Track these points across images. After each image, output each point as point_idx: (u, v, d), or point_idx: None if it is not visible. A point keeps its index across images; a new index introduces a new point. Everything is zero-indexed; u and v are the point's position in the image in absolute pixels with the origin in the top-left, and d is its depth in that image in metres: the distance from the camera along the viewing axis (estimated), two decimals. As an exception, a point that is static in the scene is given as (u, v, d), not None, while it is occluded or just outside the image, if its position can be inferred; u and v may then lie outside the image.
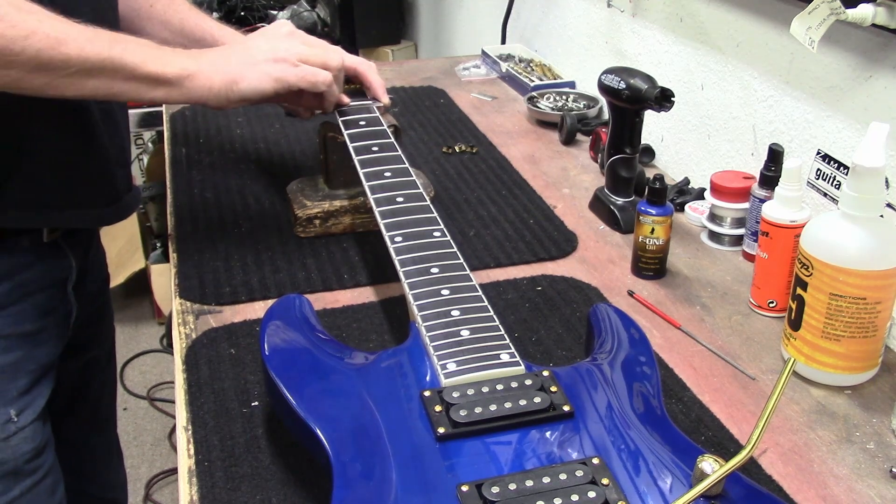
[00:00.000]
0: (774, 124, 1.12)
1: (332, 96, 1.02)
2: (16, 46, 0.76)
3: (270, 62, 0.95)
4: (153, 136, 2.74)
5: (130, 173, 1.07)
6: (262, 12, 2.83)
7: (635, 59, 1.45)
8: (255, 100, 0.96)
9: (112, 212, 1.01)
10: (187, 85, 0.90)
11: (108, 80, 0.84)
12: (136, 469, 2.16)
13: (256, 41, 0.98)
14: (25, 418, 0.96)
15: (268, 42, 0.97)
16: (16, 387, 0.95)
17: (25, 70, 0.78)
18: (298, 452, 0.75)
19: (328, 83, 0.99)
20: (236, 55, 0.95)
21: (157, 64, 0.87)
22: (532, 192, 1.26)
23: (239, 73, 0.93)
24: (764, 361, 0.90)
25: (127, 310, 2.75)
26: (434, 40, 2.77)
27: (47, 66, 0.79)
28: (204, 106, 0.94)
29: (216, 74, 0.92)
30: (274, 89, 0.95)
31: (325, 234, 1.11)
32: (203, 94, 0.91)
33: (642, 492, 0.62)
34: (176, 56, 0.90)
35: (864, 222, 0.81)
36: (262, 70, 0.94)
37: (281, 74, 0.95)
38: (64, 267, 1.01)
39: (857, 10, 0.89)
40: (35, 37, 0.77)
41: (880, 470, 0.76)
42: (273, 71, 0.95)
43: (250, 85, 0.94)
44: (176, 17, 1.12)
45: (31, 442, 0.96)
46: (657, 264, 1.04)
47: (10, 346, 0.94)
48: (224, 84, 0.92)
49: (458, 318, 0.76)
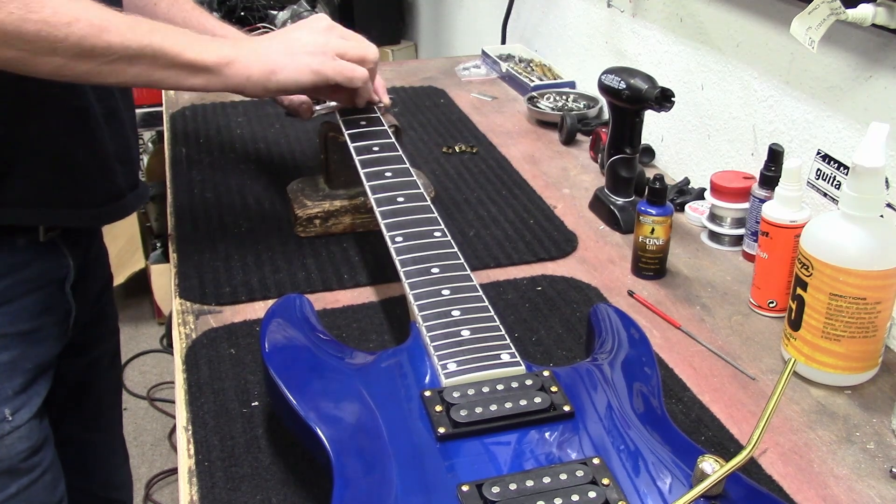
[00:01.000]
0: (774, 124, 1.12)
1: (366, 92, 1.03)
2: (59, 33, 0.77)
3: (310, 54, 0.95)
4: (153, 136, 2.74)
5: (136, 170, 1.07)
6: (262, 12, 2.82)
7: (635, 59, 1.45)
8: (292, 91, 0.96)
9: (111, 210, 1.01)
10: (226, 73, 0.90)
11: (148, 68, 0.85)
12: (136, 469, 2.15)
13: (295, 33, 0.98)
14: (21, 417, 0.96)
15: (308, 34, 0.97)
16: (11, 386, 0.95)
17: (69, 56, 0.79)
18: (298, 452, 0.75)
19: (364, 79, 0.99)
20: (276, 45, 0.95)
21: (197, 51, 0.88)
22: (532, 192, 1.26)
23: (278, 64, 0.93)
24: (764, 361, 0.91)
25: (127, 310, 2.75)
26: (434, 40, 2.77)
27: (90, 53, 0.80)
28: (241, 94, 0.94)
29: (255, 63, 0.91)
30: (312, 82, 0.95)
31: (326, 234, 1.11)
32: (241, 83, 0.91)
33: (642, 492, 0.62)
34: (215, 44, 0.90)
35: (864, 222, 0.81)
36: (301, 62, 0.94)
37: (319, 67, 0.95)
38: (61, 266, 1.00)
39: (857, 10, 0.89)
40: (78, 24, 0.78)
41: (880, 470, 0.76)
42: (312, 63, 0.94)
43: (289, 76, 0.93)
44: (179, 16, 1.12)
45: (27, 441, 0.96)
46: (657, 264, 1.04)
47: (5, 345, 0.94)
48: (262, 73, 0.92)
49: (459, 318, 0.76)
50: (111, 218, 1.02)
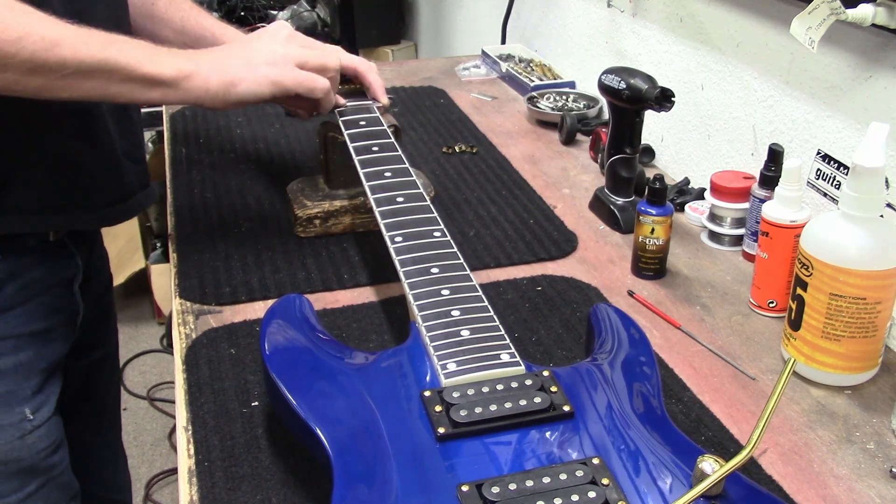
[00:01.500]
0: (774, 124, 1.12)
1: (328, 102, 1.02)
2: (10, 49, 0.76)
3: (269, 65, 0.94)
4: (153, 136, 2.73)
5: (146, 169, 1.06)
6: (262, 12, 2.83)
7: (635, 59, 1.45)
8: (251, 102, 0.96)
9: (119, 210, 1.01)
10: (184, 86, 0.89)
11: (104, 82, 0.84)
12: (136, 469, 2.16)
13: (255, 43, 0.98)
14: (41, 416, 0.97)
15: (267, 45, 0.97)
16: (29, 385, 0.96)
17: (20, 73, 0.78)
18: (298, 452, 0.75)
19: (325, 90, 0.99)
20: (234, 57, 0.95)
21: (154, 65, 0.87)
22: (532, 192, 1.26)
23: (237, 76, 0.92)
24: (764, 361, 0.90)
25: (127, 310, 2.75)
26: (434, 40, 2.77)
27: (42, 68, 0.79)
28: (200, 107, 0.94)
29: (213, 76, 0.91)
30: (271, 93, 0.95)
31: (325, 234, 1.11)
32: (200, 96, 0.91)
33: (642, 492, 0.62)
34: (172, 57, 0.90)
35: (864, 222, 0.81)
36: (260, 73, 0.94)
37: (278, 78, 0.95)
38: (70, 265, 1.01)
39: (857, 10, 0.89)
40: (29, 39, 0.77)
41: (880, 470, 0.76)
42: (271, 74, 0.94)
43: (248, 88, 0.93)
44: (177, 16, 1.12)
45: (47, 439, 0.97)
46: (657, 264, 1.04)
47: (21, 346, 0.95)
48: (221, 86, 0.92)
49: (459, 318, 0.76)
50: (119, 218, 1.02)
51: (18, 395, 0.95)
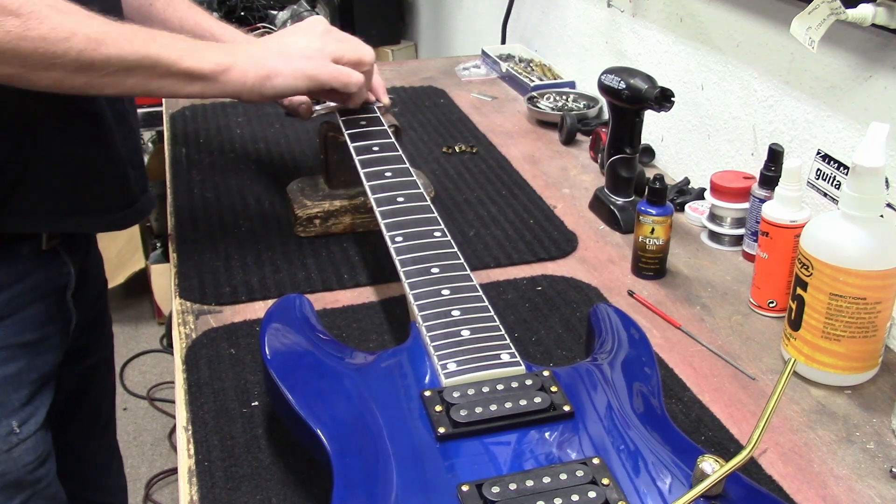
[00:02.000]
0: (774, 124, 1.12)
1: (360, 97, 1.03)
2: (58, 49, 0.77)
3: (305, 59, 0.95)
4: (153, 136, 2.73)
5: (145, 174, 1.06)
6: (262, 12, 2.82)
7: (635, 59, 1.45)
8: (288, 95, 0.96)
9: (127, 215, 1.01)
10: (222, 79, 0.90)
11: (146, 78, 0.85)
12: (136, 469, 2.16)
13: (291, 37, 0.98)
14: (28, 429, 0.95)
15: (304, 38, 0.97)
16: (18, 398, 0.94)
17: (67, 70, 0.79)
18: (298, 452, 0.75)
19: (360, 83, 0.99)
20: (271, 49, 0.95)
21: (194, 59, 0.87)
22: (532, 192, 1.26)
23: (273, 69, 0.93)
24: (764, 361, 0.91)
25: (127, 310, 2.75)
26: (434, 40, 2.77)
27: (89, 66, 0.80)
28: (238, 99, 0.94)
29: (251, 69, 0.92)
30: (307, 86, 0.95)
31: (325, 233, 1.11)
32: (237, 89, 0.91)
33: (642, 492, 0.62)
34: (212, 50, 0.90)
35: (864, 222, 0.81)
36: (296, 66, 0.94)
37: (314, 72, 0.95)
38: (63, 274, 1.00)
39: (857, 10, 0.89)
40: (76, 38, 0.78)
41: (880, 470, 0.76)
42: (307, 68, 0.94)
43: (285, 81, 0.93)
44: (175, 17, 1.12)
45: (34, 452, 0.96)
46: (657, 264, 1.04)
47: (11, 357, 0.93)
48: (258, 79, 0.92)
49: (459, 318, 0.76)
50: (127, 223, 1.02)
51: (6, 407, 0.93)
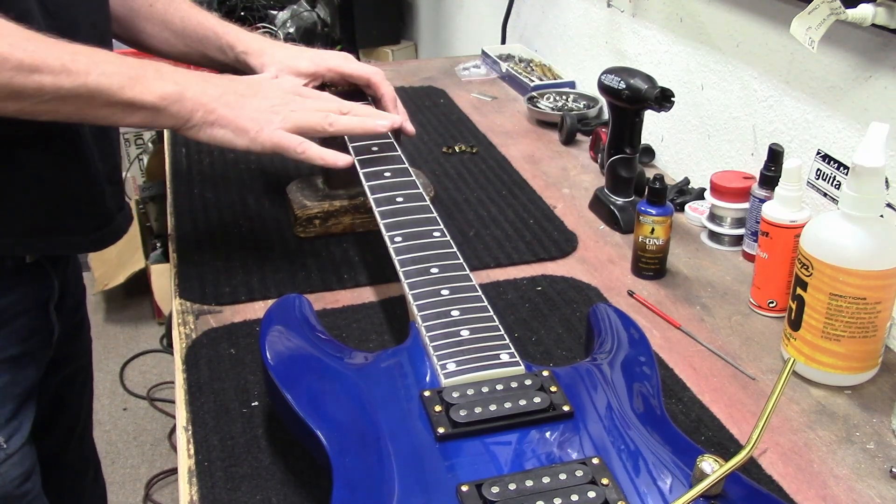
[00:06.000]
0: (774, 124, 1.12)
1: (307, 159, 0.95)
2: None
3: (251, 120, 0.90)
4: (153, 136, 2.74)
5: (123, 190, 1.03)
6: (262, 12, 2.83)
7: (635, 59, 1.45)
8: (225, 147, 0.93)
9: (105, 234, 0.99)
10: (168, 111, 0.86)
11: (84, 107, 0.81)
12: (136, 469, 2.16)
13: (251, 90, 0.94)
14: (14, 444, 0.94)
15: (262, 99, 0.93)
16: (4, 413, 0.93)
17: None
18: (298, 452, 0.75)
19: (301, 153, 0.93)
20: (225, 96, 0.91)
21: (136, 90, 0.83)
22: (532, 192, 1.26)
23: (221, 116, 0.89)
24: (764, 361, 0.90)
25: (127, 310, 2.75)
26: (434, 40, 2.77)
27: (20, 94, 0.76)
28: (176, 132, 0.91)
29: (199, 109, 0.88)
30: (246, 148, 0.91)
31: (325, 234, 1.11)
32: (178, 124, 0.88)
33: (642, 492, 0.62)
34: (159, 80, 0.86)
35: (864, 222, 0.81)
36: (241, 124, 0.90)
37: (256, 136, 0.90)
38: (46, 287, 0.98)
39: (857, 10, 0.89)
40: (7, 64, 0.74)
41: (880, 470, 0.76)
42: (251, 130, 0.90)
43: (223, 135, 0.90)
44: (177, 16, 1.11)
45: (20, 467, 0.95)
46: (657, 264, 1.04)
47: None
48: (202, 123, 0.89)
49: (458, 318, 0.76)
50: (106, 243, 0.99)
51: None
